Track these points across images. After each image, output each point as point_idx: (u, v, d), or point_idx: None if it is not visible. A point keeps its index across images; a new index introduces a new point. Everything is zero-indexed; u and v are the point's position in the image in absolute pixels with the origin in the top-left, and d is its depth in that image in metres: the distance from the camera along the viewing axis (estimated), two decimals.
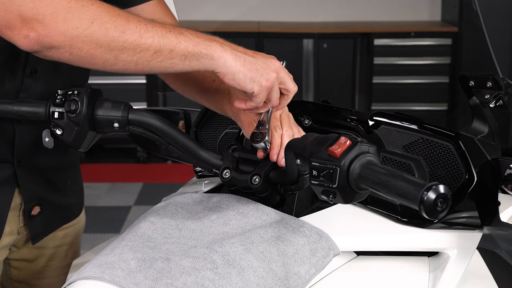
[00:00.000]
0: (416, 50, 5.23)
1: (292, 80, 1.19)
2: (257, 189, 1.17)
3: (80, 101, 1.20)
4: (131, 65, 1.11)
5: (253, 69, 1.14)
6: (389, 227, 1.21)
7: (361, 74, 5.41)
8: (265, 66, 1.16)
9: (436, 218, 0.88)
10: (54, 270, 1.58)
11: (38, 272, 1.56)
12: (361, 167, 0.96)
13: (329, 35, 5.26)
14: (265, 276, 1.06)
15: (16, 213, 1.43)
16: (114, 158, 5.24)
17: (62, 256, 1.58)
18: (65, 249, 1.58)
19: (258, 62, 1.15)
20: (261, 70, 1.15)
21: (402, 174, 0.92)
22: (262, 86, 1.14)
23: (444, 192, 0.87)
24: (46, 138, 1.25)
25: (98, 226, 3.93)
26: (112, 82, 5.22)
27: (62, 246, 1.58)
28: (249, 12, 5.34)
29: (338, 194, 0.98)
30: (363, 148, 0.98)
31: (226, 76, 1.13)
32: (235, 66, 1.12)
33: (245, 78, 1.13)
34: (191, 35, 1.13)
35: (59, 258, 1.58)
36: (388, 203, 1.23)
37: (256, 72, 1.14)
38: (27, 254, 1.52)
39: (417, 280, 1.18)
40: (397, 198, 0.91)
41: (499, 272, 1.27)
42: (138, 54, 1.10)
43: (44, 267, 1.56)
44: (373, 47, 5.21)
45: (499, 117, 1.33)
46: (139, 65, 1.12)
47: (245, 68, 1.13)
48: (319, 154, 1.00)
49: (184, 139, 1.23)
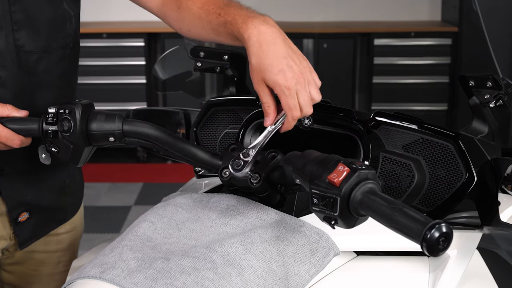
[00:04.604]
0: (416, 50, 5.22)
1: (310, 104, 1.16)
2: (257, 189, 1.17)
3: (72, 120, 1.19)
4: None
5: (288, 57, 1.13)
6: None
7: (361, 74, 5.41)
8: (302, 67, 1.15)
9: (437, 255, 0.89)
10: (44, 277, 1.56)
11: (28, 276, 1.54)
12: (362, 195, 0.96)
13: (329, 35, 5.25)
14: (265, 276, 1.06)
15: (5, 218, 1.41)
16: (114, 158, 5.24)
17: (54, 262, 1.56)
18: (57, 256, 1.56)
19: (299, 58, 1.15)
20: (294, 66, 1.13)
21: (403, 207, 0.92)
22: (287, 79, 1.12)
23: (446, 231, 0.87)
24: (42, 154, 1.25)
25: (97, 226, 3.93)
26: (112, 82, 5.23)
27: (55, 252, 1.55)
28: None
29: (340, 221, 0.98)
30: (362, 175, 0.97)
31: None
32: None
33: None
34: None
35: (50, 264, 1.56)
36: None
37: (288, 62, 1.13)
38: (19, 257, 1.51)
39: (417, 280, 1.18)
40: (399, 233, 0.91)
41: (499, 272, 1.27)
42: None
43: (34, 271, 1.54)
44: (373, 47, 5.21)
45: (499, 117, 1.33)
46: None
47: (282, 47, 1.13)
48: (319, 182, 1.00)
49: (181, 144, 1.23)
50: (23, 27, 1.32)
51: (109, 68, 5.21)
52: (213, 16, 1.25)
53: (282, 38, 1.15)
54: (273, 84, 1.13)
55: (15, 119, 1.23)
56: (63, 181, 1.52)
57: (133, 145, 1.25)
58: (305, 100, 1.14)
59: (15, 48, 1.31)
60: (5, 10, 1.29)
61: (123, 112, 1.39)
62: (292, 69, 1.13)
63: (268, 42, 1.13)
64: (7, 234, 1.43)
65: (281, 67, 1.12)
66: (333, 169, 0.99)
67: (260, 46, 1.13)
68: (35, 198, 1.44)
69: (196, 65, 1.57)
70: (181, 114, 1.56)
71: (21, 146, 1.25)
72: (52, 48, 1.38)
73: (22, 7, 1.31)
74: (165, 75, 1.78)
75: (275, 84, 1.13)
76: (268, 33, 1.14)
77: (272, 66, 1.12)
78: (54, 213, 1.51)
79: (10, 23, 1.30)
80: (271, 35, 1.14)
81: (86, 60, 5.00)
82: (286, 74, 1.12)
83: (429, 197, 1.22)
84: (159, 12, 1.42)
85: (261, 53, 1.13)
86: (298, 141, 1.33)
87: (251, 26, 1.15)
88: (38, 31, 1.34)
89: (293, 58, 1.14)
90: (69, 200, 1.56)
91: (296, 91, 1.13)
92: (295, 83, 1.12)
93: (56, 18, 1.37)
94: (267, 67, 1.12)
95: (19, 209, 1.42)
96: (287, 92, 1.12)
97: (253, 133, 1.39)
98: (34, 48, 1.34)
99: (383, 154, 1.27)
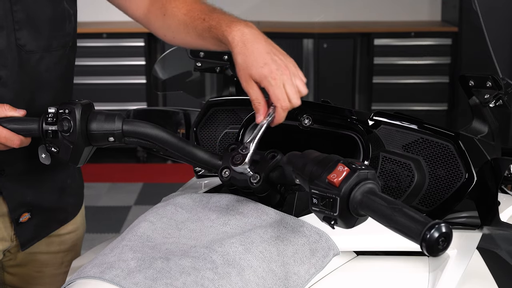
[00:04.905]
0: (416, 50, 5.22)
1: (297, 93, 1.20)
2: (257, 188, 1.17)
3: (72, 120, 1.20)
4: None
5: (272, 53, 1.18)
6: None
7: (361, 74, 5.40)
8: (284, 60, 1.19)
9: (437, 255, 0.89)
10: (47, 278, 1.55)
11: (31, 278, 1.54)
12: (361, 195, 0.96)
13: (329, 35, 5.25)
14: (264, 276, 1.06)
15: (6, 219, 1.41)
16: (114, 158, 5.23)
17: (57, 263, 1.56)
18: (60, 256, 1.56)
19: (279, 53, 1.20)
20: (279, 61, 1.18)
21: (402, 207, 0.92)
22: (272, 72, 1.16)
23: (446, 231, 0.87)
24: (42, 154, 1.25)
25: (97, 226, 3.93)
26: (112, 82, 5.23)
27: (58, 253, 1.55)
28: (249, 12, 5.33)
29: (340, 221, 0.98)
30: (362, 175, 0.97)
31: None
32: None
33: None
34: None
35: (54, 265, 1.55)
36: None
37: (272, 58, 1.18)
38: (21, 259, 1.50)
39: (417, 280, 1.18)
40: (399, 233, 0.92)
41: (499, 272, 1.27)
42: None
43: (37, 272, 1.54)
44: (373, 47, 5.20)
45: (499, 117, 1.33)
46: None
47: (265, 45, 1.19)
48: (318, 182, 1.00)
49: (181, 144, 1.23)
50: (24, 27, 1.32)
51: (109, 68, 5.21)
52: (198, 21, 1.31)
53: (264, 38, 1.22)
54: (259, 77, 1.17)
55: (15, 119, 1.23)
56: (64, 181, 1.52)
57: (133, 145, 1.25)
58: (292, 91, 1.18)
59: (17, 48, 1.31)
60: (7, 9, 1.29)
61: (123, 112, 1.39)
62: (277, 62, 1.18)
63: (251, 41, 1.20)
64: (8, 235, 1.43)
65: (266, 61, 1.18)
66: (333, 169, 0.99)
67: (244, 45, 1.19)
68: (36, 198, 1.44)
69: (196, 65, 1.57)
70: (181, 114, 1.56)
71: (21, 146, 1.25)
72: (53, 48, 1.38)
73: (23, 6, 1.31)
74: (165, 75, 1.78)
75: (261, 77, 1.17)
76: (251, 34, 1.21)
77: (257, 61, 1.18)
78: (56, 213, 1.51)
79: (11, 22, 1.30)
80: (253, 35, 1.21)
81: (86, 60, 5.00)
82: (271, 66, 1.17)
83: (429, 197, 1.22)
84: (144, 20, 1.46)
85: (246, 51, 1.19)
86: (298, 141, 1.33)
87: (234, 29, 1.21)
88: (39, 30, 1.34)
89: (277, 54, 1.20)
90: (70, 201, 1.56)
91: (282, 82, 1.17)
92: (280, 74, 1.17)
93: (56, 17, 1.37)
94: (252, 62, 1.18)
95: (20, 209, 1.42)
96: (273, 82, 1.17)
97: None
98: (35, 47, 1.34)
99: (383, 154, 1.27)
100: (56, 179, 1.49)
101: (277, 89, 1.17)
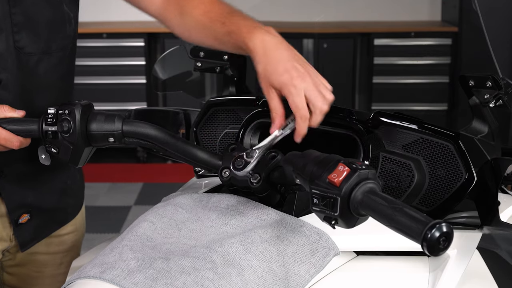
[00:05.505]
0: (416, 50, 5.22)
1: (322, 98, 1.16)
2: (257, 189, 1.17)
3: (72, 120, 1.19)
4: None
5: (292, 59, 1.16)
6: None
7: (361, 74, 5.40)
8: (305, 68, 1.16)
9: (438, 255, 0.89)
10: (46, 278, 1.55)
11: (31, 278, 1.54)
12: (362, 194, 0.96)
13: (329, 35, 5.25)
14: (265, 276, 1.06)
15: (5, 220, 1.41)
16: (114, 158, 5.23)
17: (57, 264, 1.56)
18: (60, 257, 1.56)
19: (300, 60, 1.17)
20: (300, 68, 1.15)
21: (403, 207, 0.92)
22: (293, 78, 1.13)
23: (447, 231, 0.87)
24: (42, 155, 1.25)
25: (97, 226, 3.93)
26: (112, 82, 5.23)
27: (57, 254, 1.55)
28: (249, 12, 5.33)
29: (340, 220, 0.98)
30: (363, 175, 0.97)
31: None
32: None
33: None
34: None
35: (53, 265, 1.55)
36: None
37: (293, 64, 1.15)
38: (21, 259, 1.50)
39: (417, 280, 1.18)
40: (400, 233, 0.91)
41: (499, 272, 1.27)
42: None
43: (36, 272, 1.54)
44: (373, 47, 5.20)
45: (499, 117, 1.33)
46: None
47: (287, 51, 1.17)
48: (319, 182, 1.00)
49: (181, 144, 1.23)
50: (23, 29, 1.32)
51: (109, 68, 5.21)
52: (217, 24, 1.27)
53: (285, 45, 1.19)
54: (280, 85, 1.14)
55: (14, 120, 1.23)
56: (64, 182, 1.52)
57: (133, 146, 1.25)
58: (315, 97, 1.14)
59: (15, 50, 1.31)
60: (5, 12, 1.29)
61: (123, 112, 1.39)
62: (298, 70, 1.14)
63: (272, 49, 1.17)
64: (7, 235, 1.42)
65: (287, 68, 1.14)
66: (333, 169, 0.99)
67: (264, 53, 1.16)
68: (36, 199, 1.44)
69: (196, 65, 1.57)
70: (181, 114, 1.56)
71: (20, 147, 1.25)
72: (52, 50, 1.38)
73: (22, 9, 1.31)
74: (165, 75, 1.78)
75: (282, 85, 1.14)
76: (272, 42, 1.18)
77: (278, 68, 1.14)
78: (55, 214, 1.51)
79: (10, 25, 1.30)
80: (274, 43, 1.18)
81: (86, 60, 5.01)
82: (292, 73, 1.14)
83: (429, 197, 1.22)
84: (160, 16, 1.42)
85: (266, 59, 1.16)
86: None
87: (255, 36, 1.18)
88: (38, 33, 1.34)
89: (298, 61, 1.16)
90: (70, 201, 1.56)
91: (303, 90, 1.13)
92: (301, 81, 1.13)
93: (55, 20, 1.37)
94: (273, 70, 1.15)
95: (19, 210, 1.41)
96: (293, 90, 1.13)
97: (253, 133, 1.39)
98: (34, 49, 1.34)
99: (383, 154, 1.26)
100: (56, 180, 1.49)
101: (296, 97, 1.13)
